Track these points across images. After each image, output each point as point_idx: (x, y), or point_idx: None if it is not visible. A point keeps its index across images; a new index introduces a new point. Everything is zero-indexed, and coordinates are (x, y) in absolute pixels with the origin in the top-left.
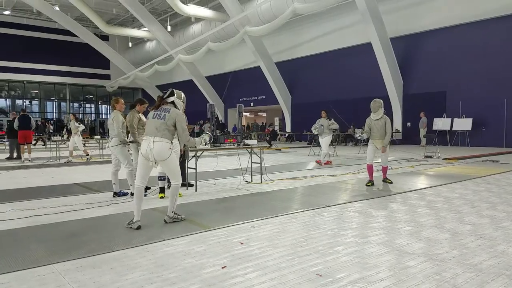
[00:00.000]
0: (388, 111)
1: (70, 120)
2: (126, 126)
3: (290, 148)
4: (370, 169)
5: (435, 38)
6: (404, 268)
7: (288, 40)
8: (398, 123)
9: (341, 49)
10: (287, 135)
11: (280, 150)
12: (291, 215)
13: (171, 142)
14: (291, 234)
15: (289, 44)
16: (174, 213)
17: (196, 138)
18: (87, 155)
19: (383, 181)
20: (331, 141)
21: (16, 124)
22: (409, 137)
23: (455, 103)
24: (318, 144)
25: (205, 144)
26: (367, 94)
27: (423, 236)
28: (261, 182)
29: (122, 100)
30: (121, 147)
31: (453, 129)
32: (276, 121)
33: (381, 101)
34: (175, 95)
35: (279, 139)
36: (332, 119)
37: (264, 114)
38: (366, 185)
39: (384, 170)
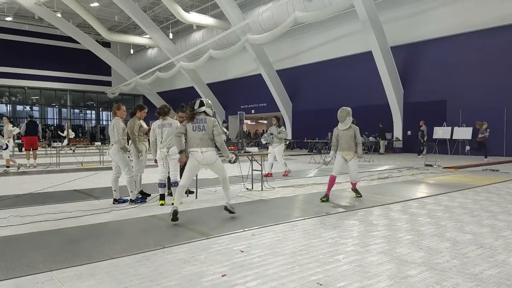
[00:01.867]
0: (389, 120)
1: (3, 124)
2: (126, 133)
3: (290, 155)
4: (331, 181)
5: (435, 47)
6: (404, 277)
7: (289, 48)
8: (398, 132)
9: (341, 58)
10: (287, 142)
11: None
12: (292, 223)
13: (216, 148)
14: (292, 242)
15: (290, 52)
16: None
17: (230, 152)
18: (8, 167)
19: (352, 190)
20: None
21: (23, 129)
22: (409, 146)
23: (455, 112)
24: (319, 152)
25: (229, 161)
26: (367, 102)
27: (424, 245)
28: (262, 189)
29: (124, 107)
30: (121, 153)
31: (453, 137)
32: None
33: (349, 109)
34: (205, 105)
35: None
36: (283, 127)
37: (265, 122)
38: (321, 200)
39: (353, 185)
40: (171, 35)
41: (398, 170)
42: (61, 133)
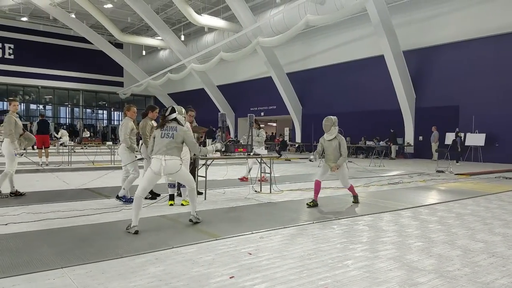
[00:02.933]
0: (400, 125)
1: None
2: (137, 133)
3: (299, 158)
4: (317, 185)
5: (448, 52)
6: (414, 284)
7: (300, 51)
8: (410, 137)
9: (353, 61)
10: (297, 145)
11: (290, 160)
12: (300, 226)
13: (180, 157)
14: (300, 246)
15: (301, 55)
16: (196, 214)
17: (208, 147)
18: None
19: (353, 197)
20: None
21: (35, 128)
22: (421, 151)
23: (468, 118)
24: None
25: (216, 151)
26: (378, 107)
27: (434, 252)
28: (270, 192)
29: (135, 108)
30: (128, 153)
31: (466, 144)
32: (286, 131)
33: (334, 118)
34: (176, 111)
35: (288, 149)
36: (262, 130)
37: (274, 124)
38: (307, 205)
39: (351, 189)
40: (182, 37)
41: (409, 176)
42: (56, 135)
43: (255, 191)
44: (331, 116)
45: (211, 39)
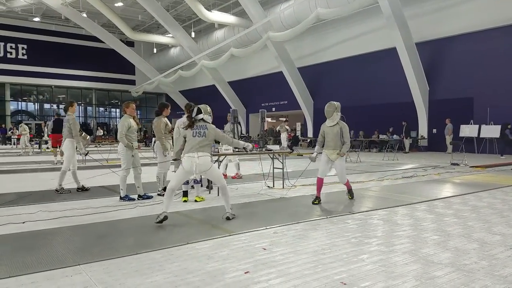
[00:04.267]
0: (414, 117)
1: None
2: (140, 129)
3: (311, 153)
4: (319, 183)
5: (462, 43)
6: (431, 278)
7: (311, 45)
8: (423, 130)
9: (365, 54)
10: (308, 140)
11: (302, 155)
12: (314, 221)
13: (211, 155)
14: (314, 241)
15: (312, 49)
16: (231, 209)
17: (240, 141)
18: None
19: (348, 192)
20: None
21: (50, 127)
22: (435, 144)
23: (482, 110)
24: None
25: (244, 148)
26: (391, 100)
27: (451, 246)
28: (283, 187)
29: (133, 105)
30: (125, 150)
31: (481, 136)
32: (298, 126)
33: (337, 104)
34: (203, 111)
35: (300, 144)
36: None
37: (285, 119)
38: (313, 203)
39: (347, 185)
40: (193, 34)
41: (423, 169)
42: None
43: (268, 186)
44: (334, 102)
45: (221, 35)
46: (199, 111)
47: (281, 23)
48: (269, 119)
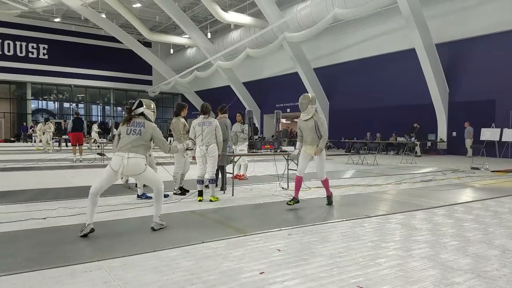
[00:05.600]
0: (433, 120)
1: None
2: (169, 130)
3: (327, 155)
4: (298, 182)
5: (484, 44)
6: (450, 284)
7: (327, 45)
8: (443, 133)
9: (382, 55)
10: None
11: None
12: (330, 224)
13: (145, 157)
14: (330, 243)
15: (328, 49)
16: (160, 219)
17: (178, 145)
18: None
19: (327, 198)
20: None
21: (69, 126)
22: (454, 147)
23: (505, 113)
24: (358, 153)
25: (187, 149)
26: (409, 101)
27: (471, 252)
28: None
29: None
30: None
31: (503, 140)
32: None
33: (312, 96)
34: (144, 105)
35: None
36: (246, 125)
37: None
38: (288, 203)
39: (325, 184)
40: (209, 35)
41: (442, 173)
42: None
43: (282, 188)
44: (308, 94)
45: (237, 36)
46: (140, 105)
47: (298, 23)
48: (283, 120)
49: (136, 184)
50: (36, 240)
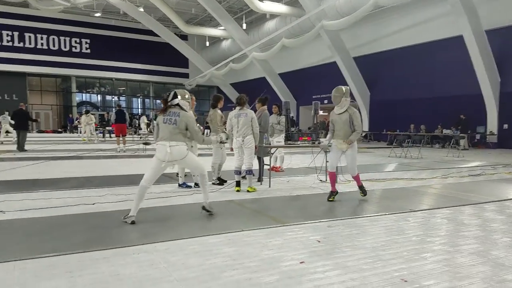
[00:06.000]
0: (481, 111)
1: None
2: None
3: (367, 148)
4: (332, 177)
5: None
6: (501, 281)
7: (368, 33)
8: (493, 125)
9: (427, 43)
10: (363, 134)
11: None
12: (371, 217)
13: (186, 143)
14: (372, 237)
15: (369, 37)
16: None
17: (212, 137)
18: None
19: (360, 188)
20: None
21: (113, 118)
22: (505, 141)
23: None
24: (400, 145)
25: (221, 142)
26: (456, 92)
27: None
28: (337, 182)
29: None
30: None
31: None
32: None
33: (346, 88)
34: (179, 96)
35: None
36: (283, 117)
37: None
38: (328, 199)
39: (357, 179)
40: (244, 26)
41: (492, 167)
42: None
43: (320, 180)
44: (342, 86)
45: (273, 26)
46: (175, 96)
47: (336, 11)
48: (320, 112)
49: (177, 173)
50: (87, 224)
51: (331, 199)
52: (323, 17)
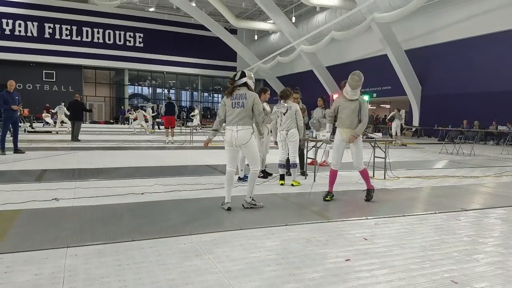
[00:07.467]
0: None
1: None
2: None
3: (417, 144)
4: (333, 175)
5: None
6: None
7: (421, 25)
8: None
9: (484, 36)
10: (414, 129)
11: (406, 145)
12: (421, 216)
13: (252, 127)
14: (421, 236)
15: (422, 30)
16: (252, 199)
17: (271, 115)
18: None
19: (367, 192)
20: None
21: (163, 110)
22: None
23: None
24: (452, 141)
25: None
26: None
27: None
28: (385, 178)
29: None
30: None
31: None
32: (402, 113)
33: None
34: (247, 75)
35: (404, 133)
36: (328, 109)
37: (388, 106)
38: (324, 199)
39: (364, 175)
40: (293, 19)
41: None
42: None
43: None
44: (359, 71)
45: (323, 19)
46: (243, 75)
47: (388, 3)
48: (369, 106)
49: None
50: (135, 212)
51: (327, 198)
52: (374, 10)
